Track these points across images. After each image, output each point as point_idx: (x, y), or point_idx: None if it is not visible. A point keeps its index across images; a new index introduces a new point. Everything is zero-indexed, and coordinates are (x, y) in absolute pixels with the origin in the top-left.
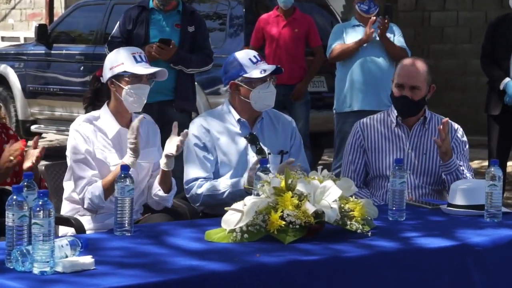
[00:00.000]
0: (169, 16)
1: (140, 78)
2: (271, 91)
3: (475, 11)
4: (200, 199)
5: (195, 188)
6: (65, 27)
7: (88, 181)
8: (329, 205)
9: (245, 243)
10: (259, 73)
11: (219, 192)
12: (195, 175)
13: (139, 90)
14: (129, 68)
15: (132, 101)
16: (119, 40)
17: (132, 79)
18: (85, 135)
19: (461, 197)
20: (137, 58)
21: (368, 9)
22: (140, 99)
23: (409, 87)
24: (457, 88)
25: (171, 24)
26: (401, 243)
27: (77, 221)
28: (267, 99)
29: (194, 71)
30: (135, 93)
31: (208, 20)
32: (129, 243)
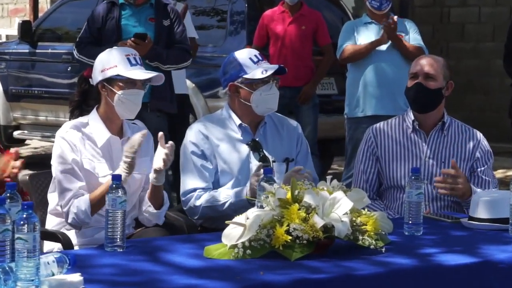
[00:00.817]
0: (142, 10)
1: (135, 83)
2: (274, 93)
3: (499, 6)
4: (198, 211)
5: (193, 199)
6: (51, 24)
7: (74, 193)
8: (339, 218)
9: (247, 259)
10: (260, 73)
11: (220, 203)
12: (193, 185)
13: (133, 96)
14: (124, 72)
15: (125, 107)
16: (88, 40)
17: (125, 83)
18: (72, 143)
19: (483, 209)
20: (131, 60)
21: (380, 6)
22: (134, 106)
23: (424, 75)
24: (479, 91)
25: (144, 19)
26: (418, 260)
27: (64, 236)
28: (270, 102)
29: (172, 68)
30: (129, 99)
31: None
32: (121, 260)
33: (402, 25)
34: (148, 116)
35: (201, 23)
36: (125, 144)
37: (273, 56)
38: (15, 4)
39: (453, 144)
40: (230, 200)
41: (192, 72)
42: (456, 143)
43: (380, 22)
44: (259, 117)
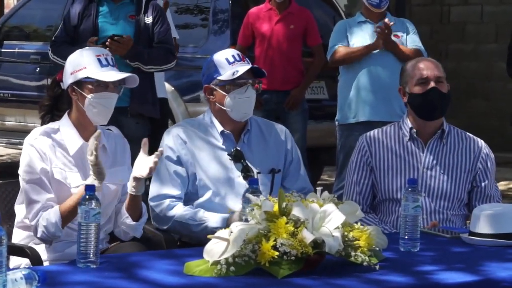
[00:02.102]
0: (121, 7)
1: (106, 85)
2: (248, 97)
3: (502, 5)
4: (168, 223)
5: (164, 208)
6: (18, 21)
7: (43, 205)
8: (330, 233)
9: (231, 277)
10: (232, 74)
11: (195, 223)
12: (164, 191)
13: (104, 99)
14: (93, 74)
15: (96, 112)
16: (63, 40)
17: (96, 86)
18: (41, 151)
19: (485, 224)
20: (102, 61)
21: (379, 3)
22: (106, 110)
23: (436, 79)
24: (480, 95)
25: (124, 16)
26: (415, 278)
27: (32, 251)
28: (244, 106)
29: (154, 70)
30: (100, 103)
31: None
32: (94, 277)
33: (399, 25)
34: (127, 122)
35: (182, 21)
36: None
37: (259, 58)
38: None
39: (453, 153)
40: (207, 224)
41: (172, 74)
42: (456, 152)
43: (376, 21)
44: (241, 123)
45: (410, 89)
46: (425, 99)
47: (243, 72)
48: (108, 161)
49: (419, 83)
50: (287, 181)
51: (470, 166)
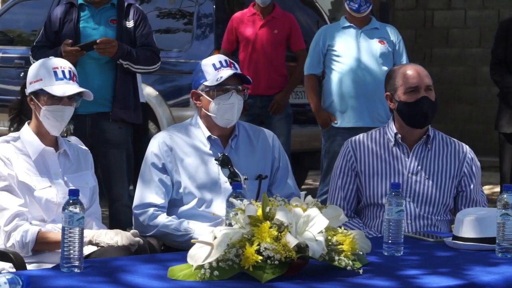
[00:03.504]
0: (102, 11)
1: (60, 98)
2: (232, 103)
3: (486, 9)
4: (151, 231)
5: (147, 217)
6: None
7: (16, 213)
8: (313, 237)
9: (215, 281)
10: (215, 80)
11: (179, 234)
12: (148, 200)
13: (56, 112)
14: (47, 87)
15: (50, 123)
16: (43, 44)
17: (49, 99)
18: (5, 158)
19: (468, 228)
20: (58, 74)
21: (358, 8)
22: (58, 123)
23: (425, 88)
24: (464, 100)
25: (105, 20)
26: (398, 282)
27: (16, 256)
28: (228, 112)
29: (142, 70)
30: (52, 115)
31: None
32: (78, 281)
33: (383, 30)
34: (109, 127)
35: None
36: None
37: (243, 62)
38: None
39: (438, 158)
40: (192, 235)
41: (156, 78)
42: (441, 157)
43: (360, 26)
44: (227, 128)
45: (398, 97)
46: (415, 108)
47: (227, 78)
48: (72, 167)
49: (409, 91)
50: (275, 187)
51: (455, 171)
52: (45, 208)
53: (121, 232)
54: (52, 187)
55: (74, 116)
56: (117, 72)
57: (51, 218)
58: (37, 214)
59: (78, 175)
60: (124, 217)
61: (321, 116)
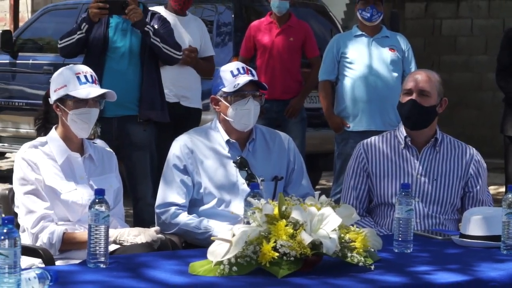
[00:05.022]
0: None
1: (86, 101)
2: (249, 109)
3: (491, 18)
4: (173, 229)
5: (169, 216)
6: (32, 34)
7: (42, 215)
8: (327, 235)
9: (233, 276)
10: (233, 87)
11: (199, 232)
12: (170, 199)
13: (83, 115)
14: (72, 91)
15: (77, 126)
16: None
17: (76, 102)
18: (32, 162)
19: (475, 227)
20: (81, 78)
21: (370, 17)
22: (86, 125)
23: (418, 92)
24: (471, 105)
25: (131, 27)
26: (408, 277)
27: (45, 252)
28: (245, 117)
29: (168, 51)
30: (80, 118)
31: None
32: (104, 276)
33: (394, 39)
34: (134, 130)
35: None
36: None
37: (260, 68)
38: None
39: (445, 160)
40: (212, 232)
41: None
42: (449, 159)
43: (371, 34)
44: (245, 132)
45: (401, 97)
46: (402, 109)
47: (244, 85)
48: (97, 171)
49: (404, 93)
50: (290, 188)
51: (462, 173)
52: (71, 210)
53: (144, 230)
54: (77, 190)
55: (101, 119)
56: (142, 75)
57: (76, 219)
58: (63, 216)
59: (103, 177)
60: (147, 215)
61: (333, 121)
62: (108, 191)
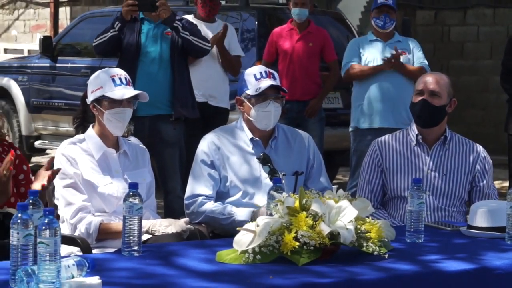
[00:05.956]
0: (159, 26)
1: (120, 101)
2: (270, 111)
3: (496, 25)
4: (200, 217)
5: (196, 205)
6: (71, 39)
7: (80, 207)
8: (344, 226)
9: (257, 264)
10: (255, 90)
11: (223, 217)
12: (197, 191)
13: (118, 114)
14: (107, 92)
15: (112, 125)
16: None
17: (111, 103)
18: (71, 158)
19: (481, 218)
20: (116, 80)
21: (383, 25)
22: (121, 123)
23: (429, 93)
24: (477, 106)
25: (161, 33)
26: (419, 265)
27: (83, 241)
28: (266, 118)
29: (198, 43)
30: (115, 117)
31: None
32: (137, 264)
33: (405, 43)
34: (165, 129)
35: None
36: (122, 157)
37: (282, 72)
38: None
39: (454, 157)
40: (235, 217)
41: None
42: (457, 156)
43: (385, 40)
44: (267, 131)
45: (413, 97)
46: (414, 108)
47: (266, 88)
48: (131, 165)
49: (416, 93)
50: (310, 182)
51: (470, 168)
52: (107, 202)
53: (174, 221)
54: (113, 183)
55: (134, 118)
56: (173, 76)
57: (112, 210)
58: (99, 207)
59: (136, 172)
60: (177, 207)
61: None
62: (141, 185)
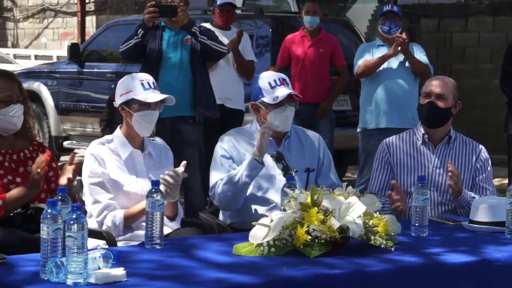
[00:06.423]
0: (179, 33)
1: (149, 104)
2: (286, 115)
3: (496, 32)
4: (222, 199)
5: (216, 190)
6: (97, 46)
7: (106, 205)
8: (353, 220)
9: (271, 256)
10: (272, 99)
11: (234, 174)
12: (217, 178)
13: (147, 116)
14: (138, 96)
15: (141, 126)
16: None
17: (140, 106)
18: (99, 157)
19: (482, 214)
20: (144, 85)
21: (389, 30)
22: (149, 125)
23: (436, 95)
24: (478, 107)
25: (181, 40)
26: (424, 258)
27: (109, 235)
28: (282, 122)
29: (216, 47)
30: (143, 119)
31: None
32: (159, 256)
33: (410, 48)
34: (185, 129)
35: None
36: (147, 158)
37: (294, 76)
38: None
39: (458, 156)
40: (242, 168)
41: None
42: (460, 155)
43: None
44: (280, 132)
45: (421, 99)
46: (422, 110)
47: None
48: (155, 165)
49: (424, 96)
50: (320, 179)
51: (471, 166)
52: (132, 200)
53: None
54: (138, 182)
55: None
56: (193, 80)
57: None
58: (124, 204)
59: (160, 171)
60: (196, 202)
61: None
62: None
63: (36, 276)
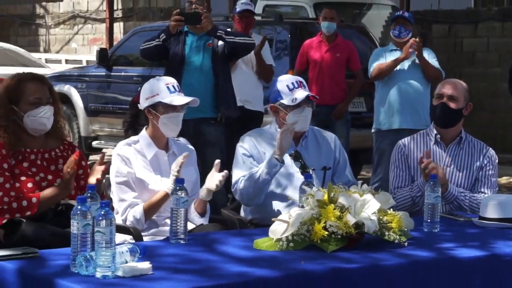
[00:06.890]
0: (201, 38)
1: (174, 107)
2: (305, 116)
3: (505, 37)
4: (242, 186)
5: (238, 187)
6: (124, 51)
7: (130, 204)
8: (368, 217)
9: (290, 251)
10: (291, 101)
11: (255, 171)
12: (239, 175)
13: (174, 118)
14: (164, 99)
15: (168, 128)
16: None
17: (167, 108)
18: (125, 158)
19: (492, 210)
20: (170, 88)
21: (399, 34)
22: (175, 126)
23: (448, 97)
24: (487, 109)
25: (203, 44)
26: (436, 252)
27: (135, 230)
28: (301, 122)
29: (244, 41)
30: (170, 121)
31: None
32: (183, 251)
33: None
34: (208, 131)
35: None
36: (171, 158)
37: (312, 79)
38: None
39: (467, 155)
40: (262, 166)
41: None
42: (470, 154)
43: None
44: (299, 132)
45: (434, 101)
46: (434, 111)
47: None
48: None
49: (436, 97)
50: (336, 177)
51: (479, 165)
52: None
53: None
54: (162, 181)
55: None
56: (215, 83)
57: None
58: None
59: (184, 170)
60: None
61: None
62: (188, 182)
63: (66, 269)
